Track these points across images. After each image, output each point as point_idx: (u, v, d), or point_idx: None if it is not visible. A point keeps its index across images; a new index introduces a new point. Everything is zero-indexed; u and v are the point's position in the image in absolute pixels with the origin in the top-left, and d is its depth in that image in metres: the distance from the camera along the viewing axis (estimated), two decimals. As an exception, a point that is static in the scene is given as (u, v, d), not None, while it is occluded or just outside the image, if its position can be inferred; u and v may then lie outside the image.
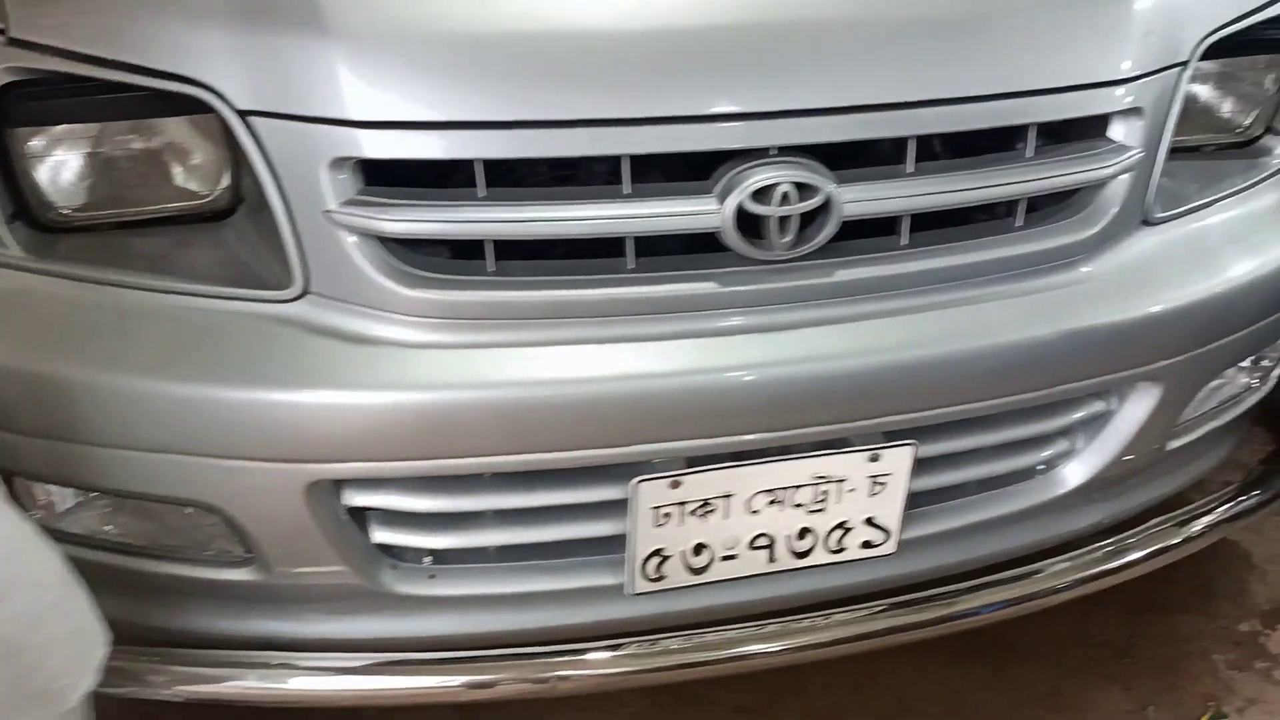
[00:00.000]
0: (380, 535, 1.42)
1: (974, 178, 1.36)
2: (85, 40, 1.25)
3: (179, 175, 1.35)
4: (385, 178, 1.28)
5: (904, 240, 1.37)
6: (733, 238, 1.29)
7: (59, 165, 1.32)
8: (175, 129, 1.32)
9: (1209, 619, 2.11)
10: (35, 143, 1.30)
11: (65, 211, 1.34)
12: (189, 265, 1.35)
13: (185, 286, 1.32)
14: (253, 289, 1.31)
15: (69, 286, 1.32)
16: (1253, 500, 1.81)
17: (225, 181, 1.34)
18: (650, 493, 1.37)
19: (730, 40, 1.29)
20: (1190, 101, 1.54)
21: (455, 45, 1.24)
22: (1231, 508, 1.80)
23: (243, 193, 1.35)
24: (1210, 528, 1.78)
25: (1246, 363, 1.71)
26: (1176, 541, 1.73)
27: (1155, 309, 1.45)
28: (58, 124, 1.30)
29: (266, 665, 1.43)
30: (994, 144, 1.40)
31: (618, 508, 1.39)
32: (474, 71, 1.24)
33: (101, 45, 1.25)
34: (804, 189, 1.28)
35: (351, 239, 1.26)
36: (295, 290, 1.29)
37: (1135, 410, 1.55)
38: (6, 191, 1.31)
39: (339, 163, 1.24)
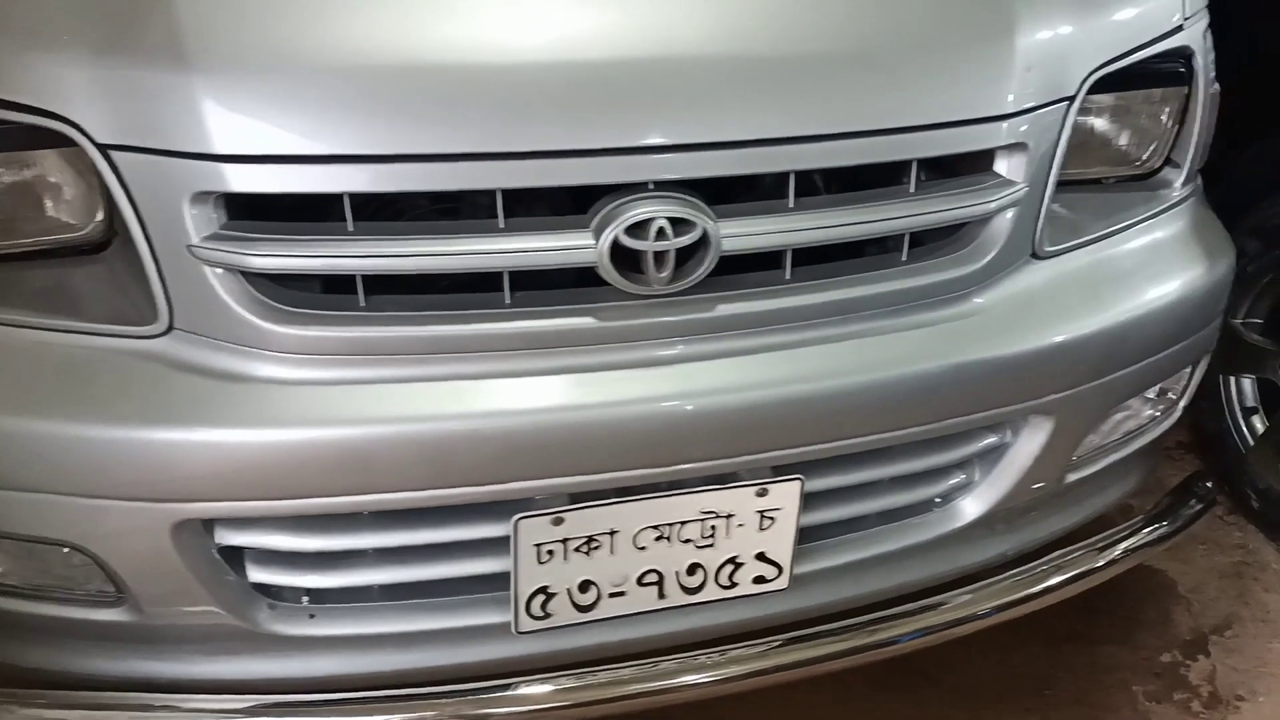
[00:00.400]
0: (257, 574, 1.39)
1: (856, 212, 1.35)
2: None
3: (50, 208, 1.33)
4: (253, 212, 1.25)
5: (787, 274, 1.36)
6: (610, 272, 1.27)
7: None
8: (43, 161, 1.29)
9: (1131, 650, 2.11)
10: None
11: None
12: (58, 300, 1.32)
13: (49, 321, 1.29)
14: (118, 324, 1.28)
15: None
16: (1164, 528, 1.81)
17: (99, 215, 1.32)
18: (532, 530, 1.35)
19: (604, 75, 1.27)
20: (1085, 134, 1.54)
21: (319, 78, 1.22)
22: (1144, 536, 1.80)
23: (116, 227, 1.32)
24: (1120, 557, 1.77)
25: (1151, 393, 1.70)
26: (1083, 571, 1.72)
27: (1044, 342, 1.45)
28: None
29: (147, 707, 1.40)
30: (878, 178, 1.39)
31: (500, 545, 1.37)
32: (339, 105, 1.22)
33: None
34: (681, 224, 1.26)
35: (216, 274, 1.24)
36: (160, 326, 1.27)
37: (1029, 443, 1.54)
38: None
39: (201, 197, 1.22)
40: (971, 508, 1.59)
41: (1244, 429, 2.36)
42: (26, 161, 1.30)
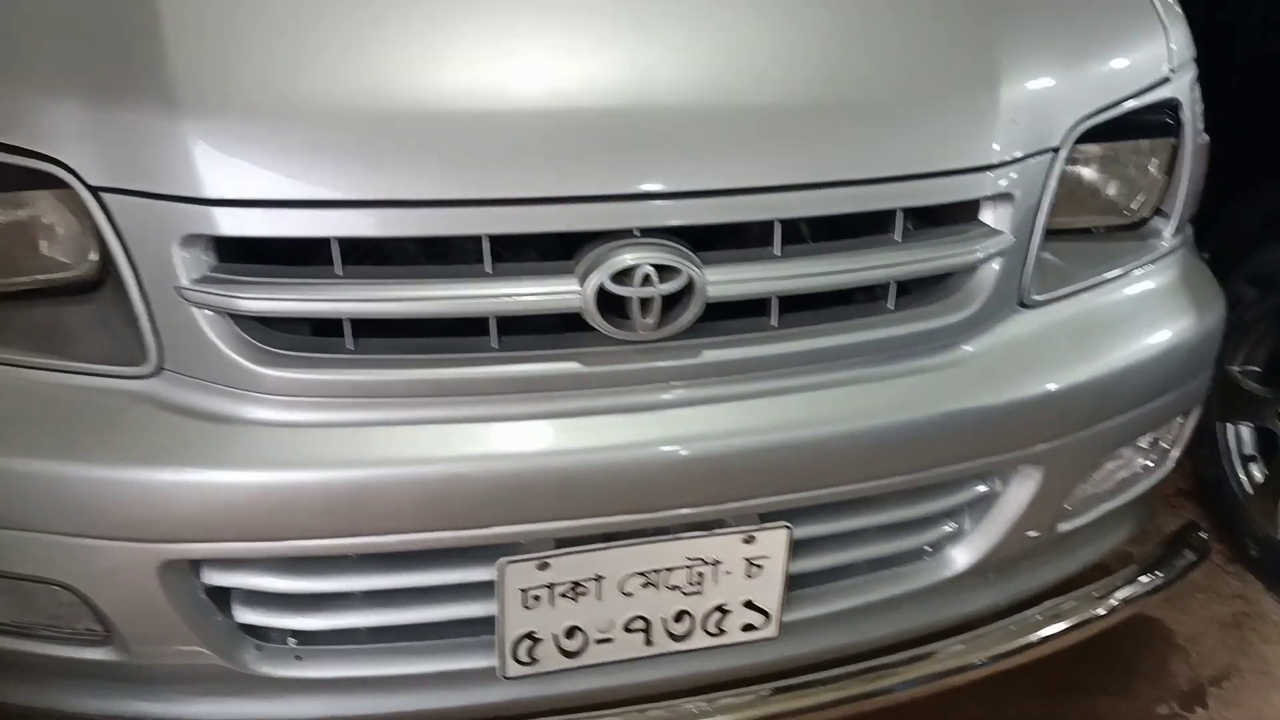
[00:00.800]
0: (243, 615, 1.39)
1: (842, 261, 1.36)
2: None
3: (44, 248, 1.34)
4: (242, 254, 1.27)
5: (774, 321, 1.36)
6: (596, 318, 1.28)
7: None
8: (36, 202, 1.31)
9: (1128, 700, 2.09)
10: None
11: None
12: (50, 339, 1.33)
13: (40, 360, 1.30)
14: (108, 364, 1.29)
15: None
16: (1160, 578, 1.80)
17: (92, 255, 1.33)
18: (518, 574, 1.35)
19: (590, 122, 1.29)
20: (1073, 184, 1.55)
21: (308, 123, 1.24)
22: (1140, 585, 1.79)
23: (109, 267, 1.34)
24: (1117, 606, 1.76)
25: (1144, 442, 1.70)
26: (1079, 621, 1.71)
27: (1032, 392, 1.45)
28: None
29: (135, 745, 1.40)
30: (864, 227, 1.40)
31: (487, 589, 1.37)
32: (326, 150, 1.24)
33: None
34: (667, 270, 1.27)
35: (205, 316, 1.25)
36: (149, 367, 1.28)
37: (1020, 493, 1.54)
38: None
39: (191, 240, 1.23)
40: (962, 557, 1.58)
41: (1243, 477, 2.35)
42: (19, 202, 1.31)
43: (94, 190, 1.23)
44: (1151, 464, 1.74)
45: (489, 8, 1.36)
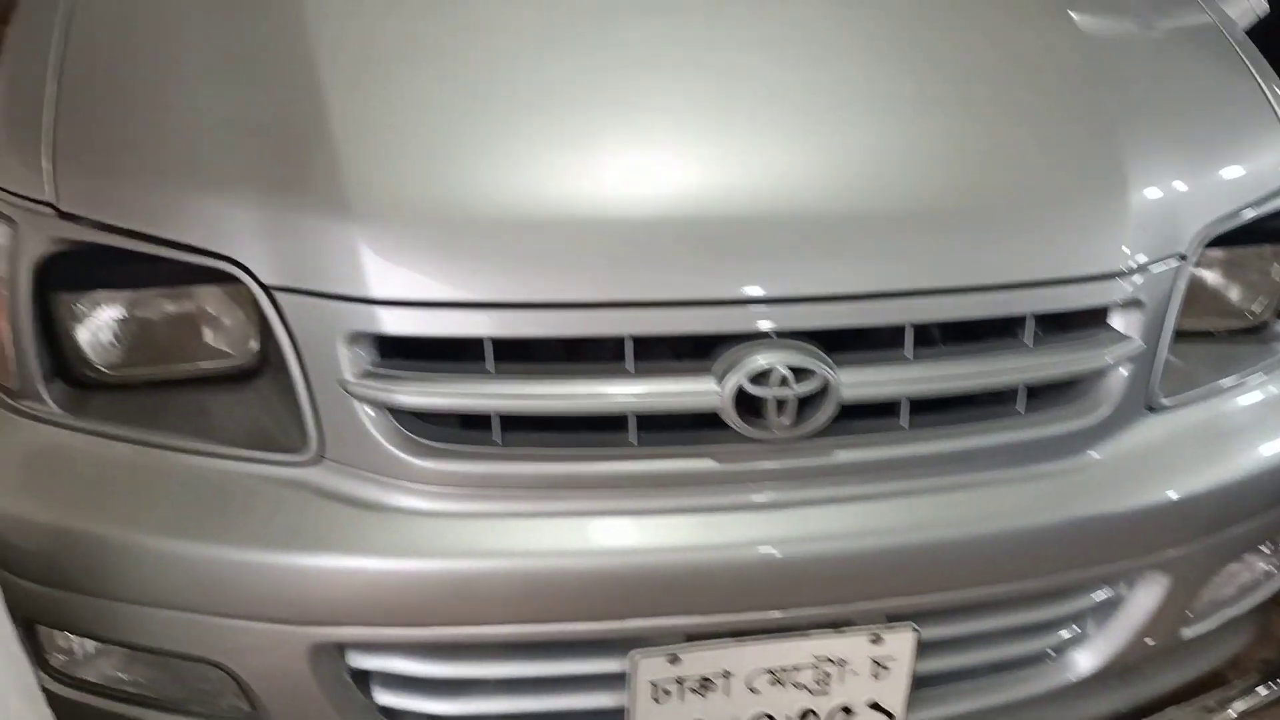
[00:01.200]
0: (383, 698, 1.43)
1: (973, 365, 1.39)
2: (127, 216, 1.33)
3: (208, 337, 1.42)
4: (398, 350, 1.33)
5: (904, 423, 1.39)
6: (733, 418, 1.32)
7: (97, 327, 1.40)
8: (206, 296, 1.39)
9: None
10: (76, 307, 1.38)
11: (100, 370, 1.41)
12: (212, 425, 1.40)
13: (204, 446, 1.37)
14: (269, 451, 1.36)
15: (98, 443, 1.38)
16: (1277, 689, 1.77)
17: (253, 344, 1.41)
18: (649, 667, 1.38)
19: (730, 228, 1.34)
20: (1197, 288, 1.56)
21: (467, 230, 1.31)
22: (1259, 697, 1.76)
23: (269, 355, 1.41)
24: (1235, 718, 1.73)
25: (1267, 548, 1.68)
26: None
27: (1159, 498, 1.45)
28: (98, 289, 1.38)
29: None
30: (994, 329, 1.43)
31: (617, 681, 1.40)
32: (485, 255, 1.31)
33: (141, 220, 1.33)
34: (802, 373, 1.31)
35: (365, 409, 1.31)
36: (310, 455, 1.34)
37: (1145, 598, 1.53)
38: (48, 351, 1.39)
39: (356, 337, 1.30)
40: (1085, 661, 1.57)
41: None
42: (190, 295, 1.40)
43: (267, 289, 1.30)
44: (1275, 569, 1.72)
45: (635, 120, 1.43)
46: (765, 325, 1.32)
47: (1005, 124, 1.51)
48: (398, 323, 1.29)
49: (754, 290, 1.33)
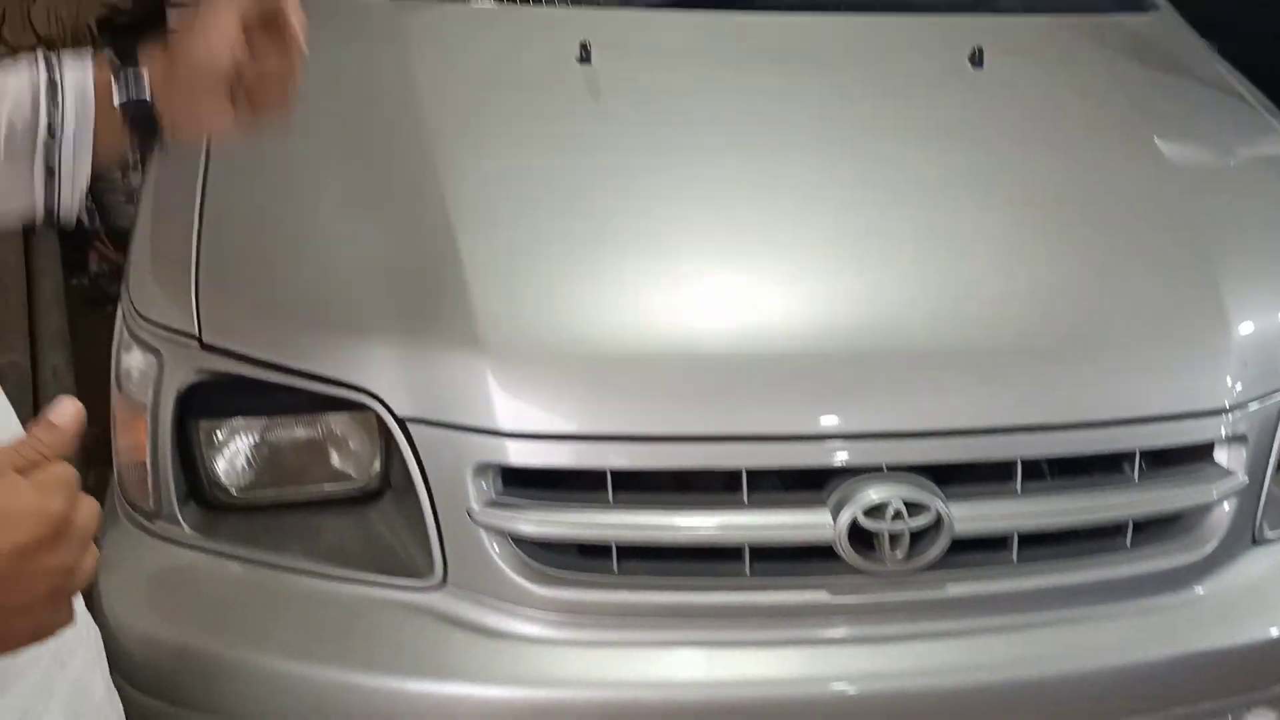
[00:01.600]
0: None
1: (1082, 500, 1.41)
2: (268, 348, 1.41)
3: (334, 461, 1.48)
4: (521, 479, 1.38)
5: (1014, 557, 1.41)
6: (848, 552, 1.35)
7: (232, 452, 1.46)
8: (335, 422, 1.46)
9: None
10: (215, 434, 1.44)
11: (230, 493, 1.47)
12: (335, 547, 1.45)
13: (329, 569, 1.41)
14: (394, 575, 1.40)
15: (229, 565, 1.44)
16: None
17: (376, 468, 1.46)
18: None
19: (841, 364, 1.40)
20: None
21: (590, 365, 1.37)
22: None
23: (391, 478, 1.47)
24: None
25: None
26: None
27: (1268, 632, 1.45)
28: (235, 416, 1.45)
29: None
30: (1099, 463, 1.45)
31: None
32: (607, 389, 1.36)
33: (282, 353, 1.40)
34: (915, 507, 1.34)
35: (490, 537, 1.36)
36: (435, 580, 1.38)
37: (1253, 734, 1.52)
38: (184, 476, 1.45)
39: (483, 467, 1.35)
40: (1191, 796, 1.56)
41: None
42: (321, 421, 1.46)
43: (400, 420, 1.36)
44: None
45: (750, 257, 1.50)
46: (878, 459, 1.36)
47: (1106, 259, 1.56)
48: (524, 454, 1.35)
49: (867, 425, 1.37)
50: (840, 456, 1.37)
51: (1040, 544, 1.44)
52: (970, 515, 1.37)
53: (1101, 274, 1.54)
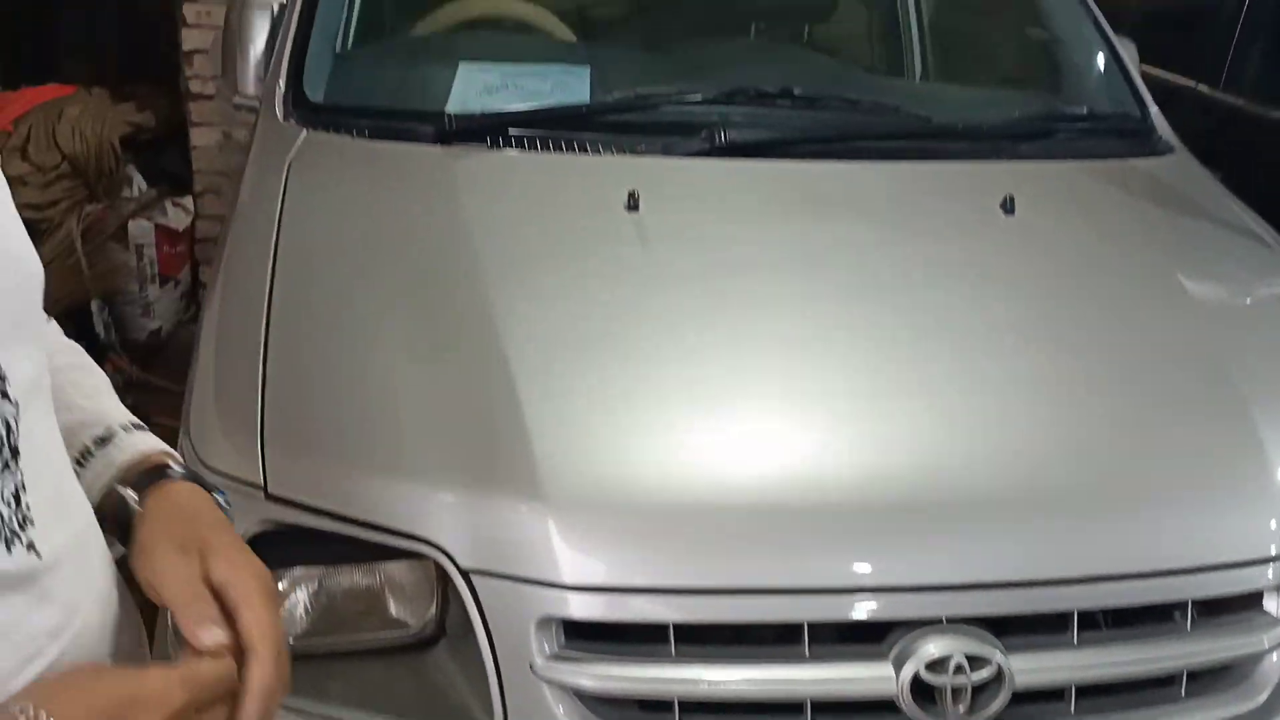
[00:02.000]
0: None
1: (1137, 651, 1.43)
2: (332, 499, 1.42)
3: (392, 609, 1.49)
4: (583, 632, 1.39)
5: (1071, 708, 1.42)
6: (910, 706, 1.35)
7: (293, 603, 1.47)
8: (395, 570, 1.47)
9: None
10: (277, 585, 1.45)
11: (289, 643, 1.47)
12: (392, 697, 1.45)
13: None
14: (454, 727, 1.40)
15: (283, 717, 1.43)
16: None
17: (431, 614, 1.47)
18: None
19: (899, 516, 1.41)
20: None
21: (652, 518, 1.39)
22: None
23: (447, 626, 1.47)
24: None
25: None
26: None
27: (1325, 783, 1.46)
28: (296, 566, 1.46)
29: None
30: (1152, 613, 1.47)
31: None
32: (669, 542, 1.38)
33: (347, 504, 1.41)
34: (976, 659, 1.36)
35: (552, 691, 1.36)
36: None
37: None
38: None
39: (547, 620, 1.36)
40: None
41: None
42: (380, 570, 1.47)
43: (464, 571, 1.38)
44: None
45: (806, 408, 1.53)
46: (938, 612, 1.38)
47: (1147, 406, 1.59)
48: (587, 607, 1.36)
49: (926, 577, 1.39)
50: (901, 609, 1.38)
51: (1095, 694, 1.45)
52: (1030, 668, 1.38)
53: (1143, 422, 1.57)
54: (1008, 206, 1.94)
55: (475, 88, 2.12)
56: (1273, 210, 2.18)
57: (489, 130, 2.03)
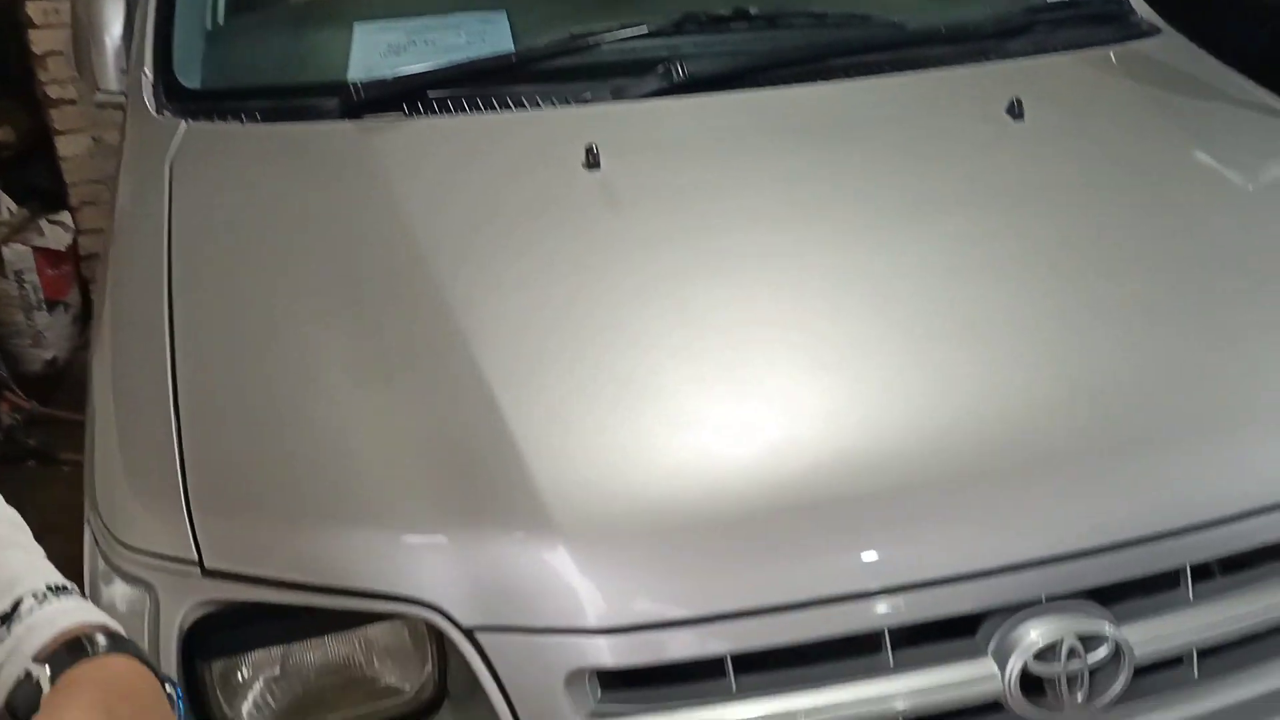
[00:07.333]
0: None
1: (1259, 596, 1.22)
2: (286, 566, 1.15)
3: (379, 677, 1.23)
4: (620, 681, 1.14)
5: (1195, 674, 1.22)
6: (1019, 703, 1.14)
7: (253, 692, 1.20)
8: (377, 634, 1.21)
9: None
10: (235, 675, 1.18)
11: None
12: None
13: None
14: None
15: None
16: None
17: (428, 672, 1.21)
18: None
19: (978, 487, 1.19)
20: None
21: (687, 534, 1.14)
22: None
23: (449, 686, 1.22)
24: None
25: None
26: None
27: None
28: (253, 650, 1.19)
29: None
30: (1263, 555, 1.27)
31: None
32: (713, 560, 1.13)
33: (304, 569, 1.14)
34: (1088, 639, 1.14)
35: (597, 753, 1.12)
36: None
37: None
38: (197, 724, 1.18)
39: (578, 674, 1.11)
40: None
41: None
42: (356, 638, 1.20)
43: (466, 631, 1.12)
44: None
45: (829, 376, 1.28)
46: (1036, 591, 1.16)
47: (1224, 324, 1.38)
48: (625, 652, 1.11)
49: (1020, 553, 1.16)
50: (993, 594, 1.15)
51: (1215, 654, 1.24)
52: (1148, 638, 1.17)
53: (1228, 335, 1.36)
54: (1015, 111, 1.71)
55: (377, 49, 1.82)
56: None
57: (403, 96, 1.72)
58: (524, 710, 1.12)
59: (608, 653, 1.10)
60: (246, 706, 1.19)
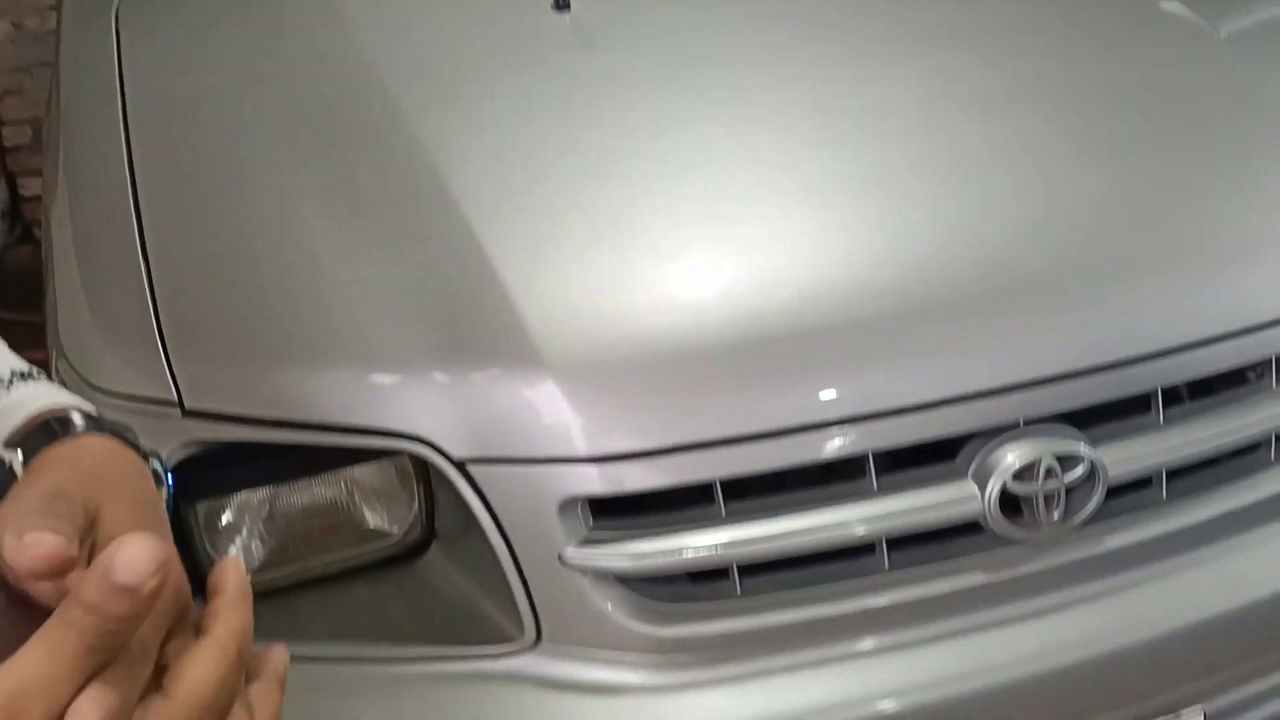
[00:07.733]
0: None
1: (1227, 420, 1.26)
2: (270, 403, 1.14)
3: (366, 519, 1.23)
4: (611, 510, 1.16)
5: (1163, 495, 1.26)
6: (998, 522, 1.17)
7: (238, 533, 1.20)
8: (364, 475, 1.21)
9: None
10: (219, 517, 1.17)
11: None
12: (385, 619, 1.21)
13: (393, 651, 1.17)
14: (473, 644, 1.16)
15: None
16: None
17: (415, 514, 1.22)
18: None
19: (960, 314, 1.20)
20: None
21: (676, 363, 1.14)
22: None
23: (437, 527, 1.22)
24: None
25: None
26: None
27: None
28: (239, 491, 1.18)
29: None
30: (1229, 379, 1.30)
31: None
32: (701, 387, 1.14)
33: (289, 407, 1.13)
34: (1065, 459, 1.17)
35: (588, 581, 1.13)
36: (527, 641, 1.15)
37: None
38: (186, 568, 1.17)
39: (569, 502, 1.12)
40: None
41: None
42: (343, 478, 1.20)
43: (458, 463, 1.12)
44: None
45: (813, 205, 1.29)
46: (1015, 414, 1.18)
47: (1201, 156, 1.40)
48: (615, 480, 1.12)
49: (999, 378, 1.18)
50: (973, 418, 1.18)
51: (1181, 476, 1.29)
52: (1121, 458, 1.20)
53: (1200, 167, 1.38)
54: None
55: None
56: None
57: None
58: (517, 540, 1.13)
59: (598, 480, 1.11)
60: (233, 550, 1.19)
